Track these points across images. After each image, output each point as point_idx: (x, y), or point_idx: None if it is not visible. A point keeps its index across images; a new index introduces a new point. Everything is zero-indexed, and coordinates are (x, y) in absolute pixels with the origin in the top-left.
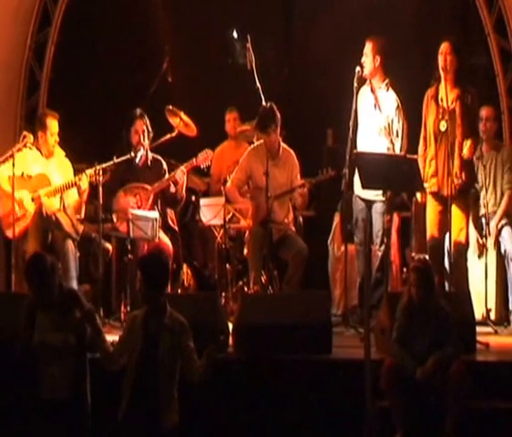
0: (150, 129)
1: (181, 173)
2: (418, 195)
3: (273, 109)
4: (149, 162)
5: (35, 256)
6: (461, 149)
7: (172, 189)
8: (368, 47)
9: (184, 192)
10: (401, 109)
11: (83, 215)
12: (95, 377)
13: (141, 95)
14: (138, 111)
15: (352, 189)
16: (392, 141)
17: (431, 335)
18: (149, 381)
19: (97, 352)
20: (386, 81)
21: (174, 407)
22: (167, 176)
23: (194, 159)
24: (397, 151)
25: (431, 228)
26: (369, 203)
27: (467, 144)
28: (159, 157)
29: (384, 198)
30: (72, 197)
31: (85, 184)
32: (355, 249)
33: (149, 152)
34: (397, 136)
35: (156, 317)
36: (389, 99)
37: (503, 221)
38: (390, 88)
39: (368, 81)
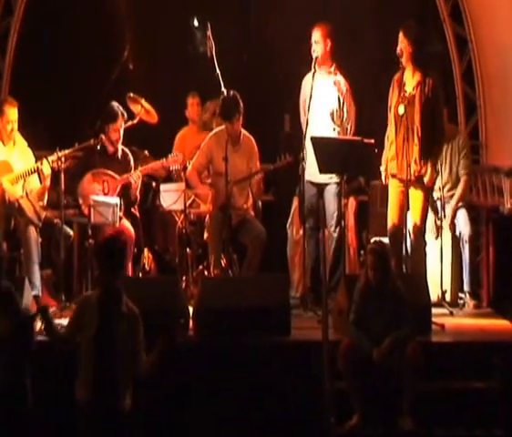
0: None
1: (136, 176)
2: (383, 177)
3: (236, 97)
4: (119, 155)
5: None
6: (420, 135)
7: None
8: (317, 34)
9: (138, 194)
10: (349, 93)
11: (46, 201)
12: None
13: (103, 82)
14: (120, 110)
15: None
16: (341, 124)
17: (387, 317)
18: (108, 363)
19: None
20: (334, 66)
21: (130, 391)
22: (133, 172)
23: (164, 160)
24: (346, 134)
25: (392, 209)
26: (322, 186)
27: (428, 173)
28: (128, 152)
29: (337, 180)
30: (34, 184)
31: (47, 169)
32: (306, 234)
33: (120, 145)
34: (346, 119)
35: (112, 301)
36: (336, 82)
37: (459, 205)
38: (338, 73)
39: (317, 67)
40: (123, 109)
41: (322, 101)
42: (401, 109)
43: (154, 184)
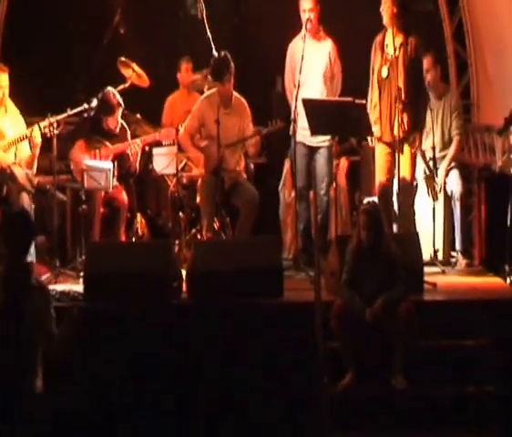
0: None
1: (133, 149)
2: (369, 139)
3: (227, 58)
4: (117, 130)
5: None
6: (402, 97)
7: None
8: (310, 2)
9: (138, 164)
10: (338, 54)
11: (35, 170)
12: None
13: (94, 47)
14: (116, 100)
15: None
16: (331, 84)
17: (380, 277)
18: (13, 341)
19: None
20: (321, 29)
21: (37, 373)
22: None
23: (157, 134)
24: (336, 94)
25: (379, 172)
26: (314, 149)
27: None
28: (126, 127)
29: (329, 144)
30: (24, 151)
31: (38, 138)
32: (297, 195)
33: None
34: (333, 79)
35: (18, 277)
36: (326, 45)
37: (451, 164)
38: (326, 36)
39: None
40: (119, 97)
41: (315, 65)
42: (384, 72)
43: (147, 148)
